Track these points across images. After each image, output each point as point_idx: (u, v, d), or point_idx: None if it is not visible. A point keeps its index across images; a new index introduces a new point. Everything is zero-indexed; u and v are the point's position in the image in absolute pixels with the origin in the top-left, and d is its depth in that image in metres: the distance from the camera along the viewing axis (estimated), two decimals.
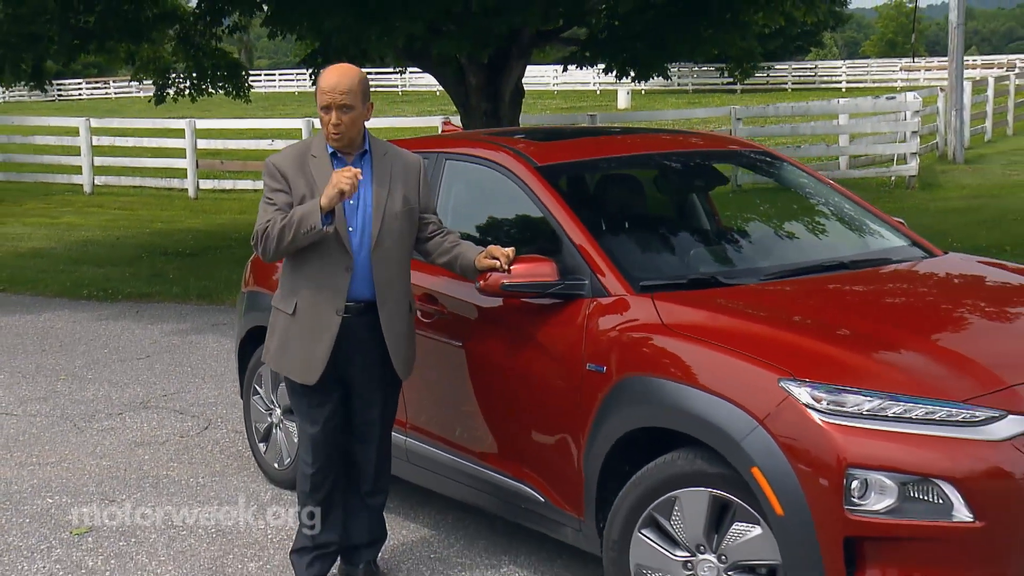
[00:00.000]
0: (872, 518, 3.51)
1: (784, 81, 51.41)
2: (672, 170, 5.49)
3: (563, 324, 4.39)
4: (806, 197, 5.47)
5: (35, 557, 5.13)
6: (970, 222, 14.19)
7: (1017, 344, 4.04)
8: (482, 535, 5.20)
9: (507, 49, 12.04)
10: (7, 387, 8.04)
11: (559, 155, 5.04)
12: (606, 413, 4.14)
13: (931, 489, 3.49)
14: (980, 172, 19.63)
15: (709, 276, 4.50)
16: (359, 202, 4.40)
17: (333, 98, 4.30)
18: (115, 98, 57.61)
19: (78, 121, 21.35)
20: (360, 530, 4.70)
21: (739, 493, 3.76)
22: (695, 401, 3.85)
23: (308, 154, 4.43)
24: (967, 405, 3.56)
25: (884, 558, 3.54)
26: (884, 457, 3.51)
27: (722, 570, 3.85)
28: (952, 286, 4.73)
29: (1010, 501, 3.47)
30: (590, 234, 4.49)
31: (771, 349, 3.83)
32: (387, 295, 4.43)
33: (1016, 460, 3.49)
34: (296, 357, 4.45)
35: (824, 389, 3.63)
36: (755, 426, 3.67)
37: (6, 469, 6.33)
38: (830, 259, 4.83)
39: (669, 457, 3.95)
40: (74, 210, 18.74)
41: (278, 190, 4.38)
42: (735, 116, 18.85)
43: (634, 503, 4.00)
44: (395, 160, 4.51)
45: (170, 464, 6.33)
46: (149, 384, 8.00)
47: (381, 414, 4.62)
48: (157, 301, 11.09)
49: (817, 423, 3.58)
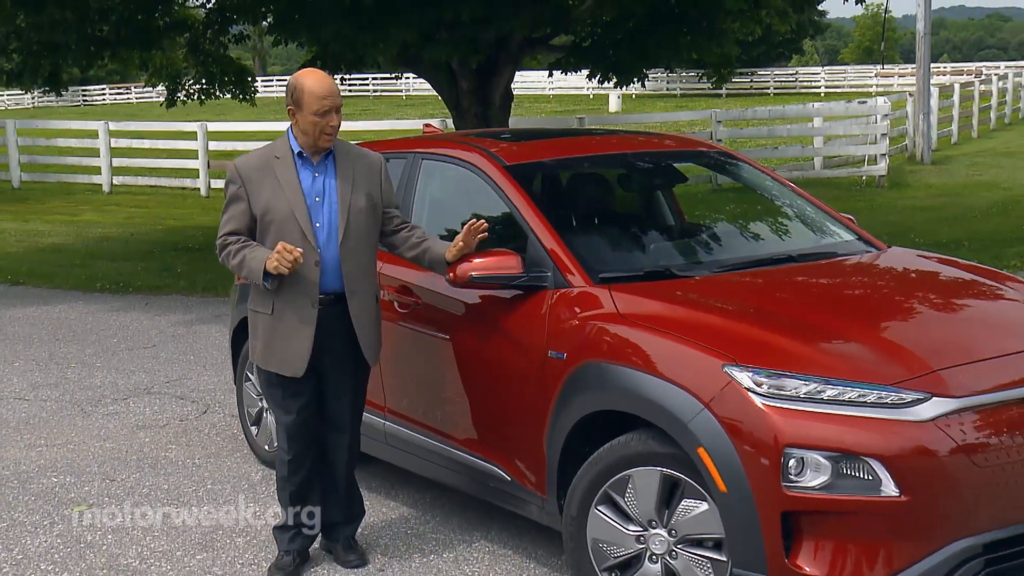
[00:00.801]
0: (808, 494, 3.53)
1: (767, 86, 51.48)
2: (634, 169, 5.50)
3: (527, 314, 4.41)
4: (762, 195, 5.49)
5: (38, 532, 5.16)
6: (933, 219, 14.22)
7: (944, 331, 4.07)
8: (457, 513, 5.22)
9: (496, 55, 12.06)
10: (21, 374, 8.07)
11: (527, 155, 5.06)
12: (566, 398, 4.16)
13: (861, 466, 3.51)
14: (946, 172, 19.65)
15: (664, 268, 4.51)
16: (324, 199, 4.41)
17: (334, 102, 4.34)
18: (136, 103, 57.53)
19: (97, 125, 21.37)
20: (337, 509, 4.72)
21: (687, 472, 3.79)
22: (647, 386, 3.87)
23: (273, 156, 4.43)
24: (895, 388, 3.59)
25: (818, 531, 3.56)
26: (819, 437, 3.54)
27: (672, 544, 3.88)
28: (890, 278, 4.74)
29: (933, 477, 3.50)
30: (553, 229, 4.51)
31: (716, 337, 3.85)
32: (355, 286, 4.44)
33: (939, 439, 3.51)
34: (282, 353, 4.45)
35: (764, 374, 3.65)
36: (701, 409, 3.70)
37: (16, 450, 6.36)
38: (779, 253, 4.85)
39: (623, 439, 3.97)
40: (93, 208, 18.76)
41: (236, 197, 4.41)
42: (715, 119, 18.85)
43: (591, 482, 4.02)
44: (357, 159, 4.53)
45: (169, 446, 6.36)
46: (153, 371, 8.03)
47: (352, 401, 4.63)
48: (165, 293, 11.11)
49: (758, 406, 3.61)
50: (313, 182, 4.42)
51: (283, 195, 4.36)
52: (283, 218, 4.36)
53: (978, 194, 16.56)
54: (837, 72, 55.00)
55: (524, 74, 47.36)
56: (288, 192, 4.37)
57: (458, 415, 4.80)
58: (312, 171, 4.43)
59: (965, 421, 3.56)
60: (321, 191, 4.41)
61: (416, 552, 4.82)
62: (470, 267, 4.39)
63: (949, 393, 3.59)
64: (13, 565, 4.81)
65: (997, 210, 14.80)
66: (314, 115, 4.32)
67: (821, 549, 3.56)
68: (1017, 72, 33.14)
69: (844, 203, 16.29)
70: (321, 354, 4.45)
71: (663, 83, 52.04)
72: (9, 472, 5.98)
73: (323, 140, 4.38)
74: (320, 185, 4.42)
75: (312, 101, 4.31)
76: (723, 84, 16.50)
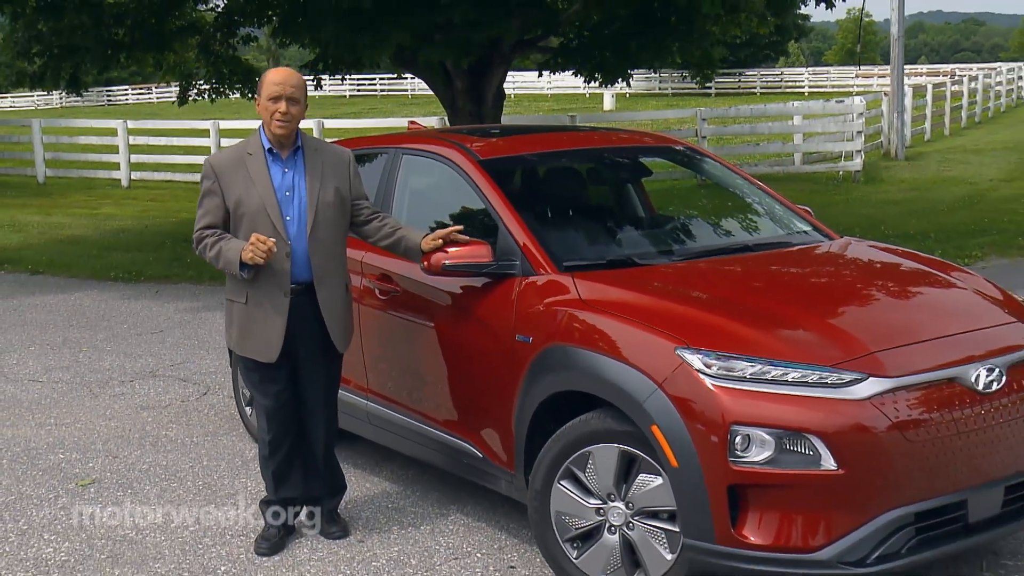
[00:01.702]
0: (753, 468, 3.56)
1: (753, 86, 51.42)
2: (603, 163, 5.51)
3: (497, 300, 4.43)
4: (725, 188, 5.49)
5: (43, 504, 5.19)
6: (904, 212, 14.20)
7: (884, 316, 4.10)
8: (435, 488, 5.24)
9: (489, 56, 12.06)
10: (36, 357, 8.10)
11: (500, 150, 5.07)
12: (532, 379, 4.17)
13: (803, 442, 3.54)
14: (918, 168, 19.61)
15: (627, 257, 4.52)
16: (294, 193, 4.41)
17: (284, 90, 4.34)
18: (156, 102, 57.44)
19: (116, 123, 21.36)
20: (318, 483, 4.73)
21: (643, 448, 3.81)
22: (606, 367, 3.89)
23: (245, 153, 4.44)
24: (835, 369, 3.61)
25: (763, 503, 3.59)
26: (763, 415, 3.56)
27: (629, 516, 3.90)
28: (837, 266, 4.75)
29: (868, 452, 3.52)
30: (522, 220, 4.52)
31: (670, 321, 3.87)
32: (323, 276, 4.44)
33: (874, 416, 3.54)
34: (256, 340, 4.46)
35: (714, 356, 3.67)
36: (655, 389, 3.72)
37: (27, 429, 6.39)
38: (737, 243, 4.87)
39: (584, 417, 4.00)
40: (112, 202, 18.77)
41: (210, 192, 4.41)
42: (700, 117, 18.83)
43: (554, 458, 4.04)
44: (326, 154, 4.52)
45: (170, 425, 6.38)
46: (159, 355, 8.05)
47: (325, 385, 4.63)
48: (175, 282, 11.13)
49: (707, 386, 3.63)
50: (283, 177, 4.42)
51: (255, 190, 4.36)
52: (255, 212, 4.36)
53: (946, 189, 16.54)
54: (820, 73, 54.88)
55: (523, 74, 47.32)
56: (259, 187, 4.37)
57: (434, 396, 4.82)
58: (282, 166, 4.44)
59: (899, 399, 3.59)
60: (291, 186, 4.42)
61: (395, 524, 4.85)
62: (443, 256, 4.40)
63: (885, 373, 3.61)
64: (18, 535, 4.85)
65: (963, 204, 14.79)
66: (267, 100, 4.35)
67: (765, 520, 3.59)
68: (987, 74, 33.06)
69: (821, 197, 16.27)
70: (294, 340, 4.45)
71: (655, 83, 51.90)
72: (20, 449, 6.01)
73: (275, 126, 4.37)
74: (290, 180, 4.43)
75: (266, 87, 4.36)
76: (706, 83, 16.49)
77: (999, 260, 10.89)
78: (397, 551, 4.56)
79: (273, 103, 4.35)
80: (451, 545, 4.61)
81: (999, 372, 3.75)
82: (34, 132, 22.08)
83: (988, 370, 3.73)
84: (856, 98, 19.54)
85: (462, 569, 4.37)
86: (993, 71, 34.95)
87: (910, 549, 3.62)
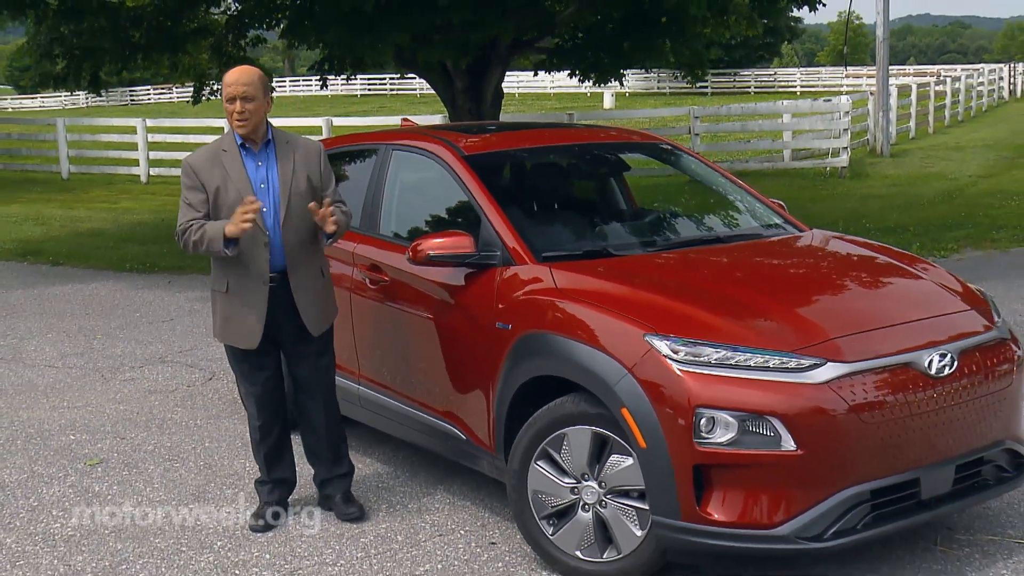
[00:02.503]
0: (717, 449, 3.58)
1: (748, 85, 51.29)
2: (583, 158, 5.51)
3: (479, 289, 4.44)
4: (701, 183, 5.50)
5: (53, 483, 5.23)
6: (886, 206, 14.17)
7: (844, 304, 4.11)
8: (424, 469, 5.26)
9: (487, 56, 12.04)
10: (53, 344, 8.14)
11: (484, 146, 5.07)
12: (511, 364, 4.19)
13: (764, 424, 3.56)
14: (902, 164, 19.56)
15: (602, 248, 4.53)
16: (268, 185, 4.40)
17: (236, 90, 4.31)
18: (177, 101, 57.43)
19: (135, 121, 21.42)
20: (324, 467, 4.73)
21: (615, 430, 3.82)
22: (579, 353, 3.90)
23: (220, 150, 4.42)
24: (795, 354, 3.63)
25: (726, 481, 3.61)
26: (727, 398, 3.58)
27: (602, 494, 3.92)
28: (804, 257, 4.75)
29: (826, 433, 3.55)
30: (503, 212, 4.52)
31: (640, 309, 3.88)
32: (296, 262, 4.42)
33: (831, 399, 3.56)
34: (238, 328, 4.45)
35: (681, 342, 3.69)
36: (625, 374, 3.73)
37: (42, 411, 6.43)
38: (710, 235, 4.87)
39: (559, 401, 4.01)
40: (131, 197, 18.80)
41: (192, 187, 4.39)
42: (694, 115, 18.80)
43: (531, 439, 4.06)
44: (296, 146, 4.50)
45: (175, 409, 6.42)
46: (169, 342, 8.08)
47: (315, 366, 4.58)
48: (187, 273, 11.15)
49: (674, 371, 3.64)
50: (257, 170, 4.41)
51: (231, 184, 4.35)
52: (232, 204, 4.31)
53: (928, 184, 16.50)
54: (812, 73, 54.80)
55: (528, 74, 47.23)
56: (236, 181, 4.36)
57: (421, 381, 4.84)
58: (255, 160, 4.42)
59: (856, 383, 3.60)
60: (265, 178, 4.40)
61: (384, 503, 4.87)
62: (427, 246, 4.41)
63: (843, 358, 3.63)
64: (28, 511, 4.89)
65: (942, 198, 14.75)
66: (225, 101, 4.36)
67: (728, 498, 3.61)
68: (970, 75, 32.96)
69: (808, 192, 16.25)
70: (275, 327, 4.45)
71: (654, 82, 51.83)
72: (33, 430, 6.05)
73: (235, 125, 4.36)
74: (264, 173, 4.41)
75: (223, 89, 4.37)
76: (697, 83, 16.45)
77: (973, 252, 10.88)
78: (385, 528, 4.59)
79: (229, 104, 4.34)
80: (436, 523, 4.63)
81: (951, 357, 3.77)
82: (59, 131, 22.16)
83: (940, 356, 3.75)
84: (843, 97, 19.50)
85: (446, 545, 4.40)
86: (976, 72, 34.86)
87: (865, 524, 3.64)
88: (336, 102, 46.46)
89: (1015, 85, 40.52)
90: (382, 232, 5.11)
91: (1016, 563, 4.03)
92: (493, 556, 4.27)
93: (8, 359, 7.72)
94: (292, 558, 4.33)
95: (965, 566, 4.02)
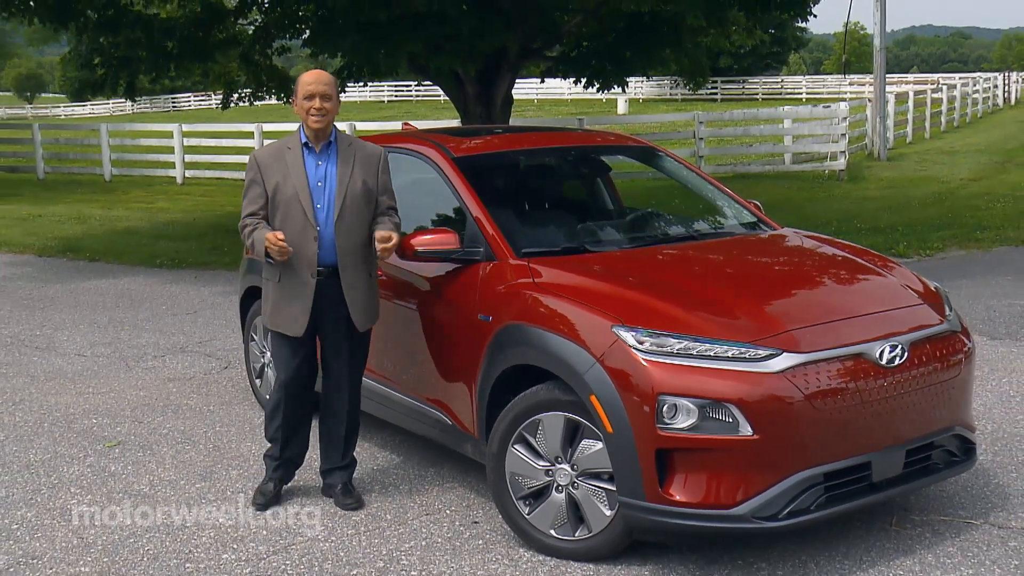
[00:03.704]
0: (678, 434, 3.60)
1: (756, 92, 51.04)
2: (566, 160, 5.53)
3: (464, 283, 4.48)
4: (680, 183, 5.50)
5: (73, 462, 5.31)
6: (879, 208, 14.10)
7: (803, 297, 4.12)
8: (418, 453, 5.31)
9: (497, 64, 12.08)
10: (83, 334, 8.24)
11: (473, 148, 5.10)
12: (491, 354, 4.23)
13: (723, 411, 3.58)
14: (897, 168, 19.45)
15: (580, 245, 4.56)
16: (325, 184, 4.44)
17: (316, 88, 4.39)
18: (215, 108, 57.75)
19: (172, 126, 21.57)
20: (334, 455, 4.76)
21: (585, 416, 3.85)
22: (553, 343, 3.93)
23: (285, 147, 4.49)
24: (752, 345, 3.65)
25: (687, 465, 3.63)
26: (688, 386, 3.60)
27: (574, 477, 3.95)
28: (771, 254, 4.75)
29: (781, 419, 3.57)
30: (487, 210, 4.56)
31: (610, 302, 3.91)
32: (347, 261, 4.45)
33: (786, 388, 3.57)
34: (285, 316, 4.51)
35: (646, 333, 3.71)
36: (593, 363, 3.76)
37: (68, 396, 6.52)
38: (685, 232, 4.89)
39: (535, 388, 4.04)
40: (167, 198, 18.96)
41: (253, 181, 4.48)
42: (698, 119, 18.77)
43: (508, 424, 4.10)
44: (358, 150, 4.54)
45: (191, 395, 6.49)
46: (191, 333, 8.17)
47: (348, 362, 4.61)
48: (212, 268, 11.25)
49: (639, 360, 3.67)
50: (317, 169, 4.46)
51: (290, 180, 4.41)
52: (289, 199, 4.40)
53: (920, 187, 16.40)
54: (817, 80, 54.47)
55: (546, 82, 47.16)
56: (294, 177, 4.42)
57: (413, 370, 4.88)
58: (316, 159, 4.47)
59: (810, 372, 3.62)
60: (323, 177, 4.45)
61: (377, 484, 4.92)
62: (415, 242, 4.46)
63: (798, 349, 3.65)
64: (49, 488, 4.97)
65: (933, 200, 14.66)
66: (302, 99, 4.41)
67: (689, 480, 3.64)
68: (965, 83, 32.77)
69: (806, 193, 16.19)
70: (319, 319, 4.49)
71: (667, 89, 51.68)
72: (59, 414, 6.14)
73: (311, 120, 4.41)
74: (323, 172, 4.46)
75: (301, 87, 4.43)
76: (698, 89, 16.39)
77: (957, 251, 10.82)
78: (376, 507, 4.63)
79: (308, 101, 4.40)
80: (425, 503, 4.67)
81: (902, 348, 3.78)
82: (102, 135, 22.37)
83: (891, 347, 3.76)
84: (842, 104, 19.40)
85: (431, 524, 4.44)
86: (971, 80, 34.66)
87: (819, 505, 3.66)
88: (364, 108, 46.54)
89: (1009, 93, 40.17)
90: None
91: (963, 541, 4.04)
92: (475, 534, 4.31)
93: (43, 348, 7.82)
94: (287, 533, 4.39)
95: (916, 544, 4.03)
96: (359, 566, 4.05)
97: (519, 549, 4.13)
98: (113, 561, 4.15)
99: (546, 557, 4.03)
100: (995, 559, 3.89)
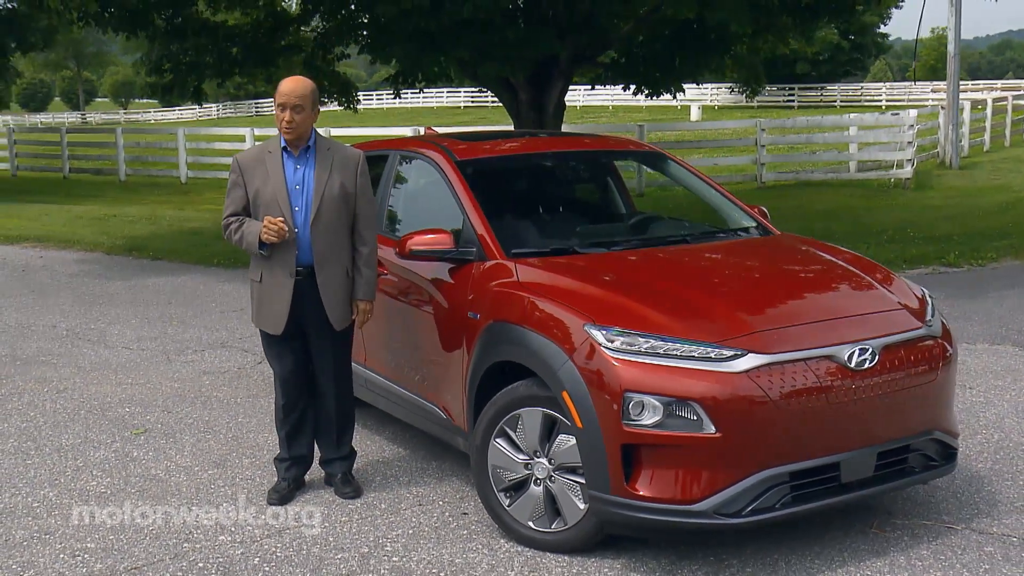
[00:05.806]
0: (644, 430, 3.68)
1: (834, 99, 50.13)
2: (565, 165, 5.62)
3: (457, 282, 4.61)
4: (682, 187, 5.55)
5: (100, 447, 5.59)
6: (938, 216, 13.83)
7: (776, 300, 4.13)
8: (423, 445, 5.45)
9: (549, 71, 12.20)
10: (134, 328, 8.60)
11: (476, 152, 5.23)
12: (479, 351, 4.34)
13: (687, 408, 3.64)
14: (969, 176, 19.00)
15: (568, 247, 4.64)
16: (303, 187, 4.59)
17: (288, 100, 4.50)
18: None
19: (244, 130, 22.20)
20: (329, 448, 4.91)
21: (561, 412, 3.94)
22: (531, 341, 4.04)
23: (266, 151, 4.66)
24: (718, 345, 3.70)
25: (652, 460, 3.70)
26: (654, 384, 3.68)
27: (551, 470, 4.06)
28: (756, 258, 4.76)
29: (744, 418, 3.62)
30: (481, 212, 4.68)
31: (585, 301, 4.00)
32: (324, 261, 4.59)
33: (749, 387, 3.62)
34: (267, 314, 4.68)
35: (616, 332, 3.80)
36: (566, 360, 3.86)
37: (108, 387, 6.83)
38: (675, 235, 4.94)
39: (516, 384, 4.16)
40: None
41: (235, 183, 4.65)
42: (760, 127, 18.63)
43: (491, 419, 4.22)
44: (336, 153, 4.67)
45: (222, 388, 6.75)
46: (233, 329, 8.45)
47: (333, 357, 4.75)
48: None
49: (607, 358, 3.75)
50: (295, 172, 4.61)
51: (270, 183, 4.57)
52: (268, 202, 4.56)
53: (989, 196, 16.01)
54: (899, 87, 53.24)
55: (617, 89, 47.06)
56: (274, 180, 4.58)
57: (411, 365, 5.02)
58: (295, 163, 4.62)
59: (775, 373, 3.66)
60: (301, 180, 4.60)
61: (378, 475, 5.08)
62: (411, 242, 4.60)
63: (763, 350, 3.69)
64: (74, 471, 5.24)
65: (998, 210, 14.30)
66: (276, 107, 4.56)
67: (654, 475, 3.71)
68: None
69: (868, 201, 15.94)
70: (301, 317, 4.64)
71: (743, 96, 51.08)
72: (96, 403, 6.45)
73: (282, 131, 4.56)
74: (301, 175, 4.61)
75: (276, 95, 4.56)
76: (756, 96, 16.24)
77: (1012, 262, 10.57)
78: (373, 497, 4.79)
79: (280, 111, 4.56)
80: (420, 494, 4.81)
81: (872, 352, 3.79)
82: (179, 139, 23.13)
83: (861, 350, 3.78)
84: (911, 111, 19.04)
85: (422, 514, 4.58)
86: None
87: (784, 504, 3.70)
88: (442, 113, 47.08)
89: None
90: (386, 229, 5.32)
91: (938, 545, 4.03)
92: (461, 525, 4.44)
93: (94, 340, 8.19)
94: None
95: (891, 547, 4.03)
96: (345, 551, 4.22)
97: (500, 540, 4.24)
98: (118, 539, 4.39)
99: (524, 548, 4.14)
100: (966, 563, 3.88)
